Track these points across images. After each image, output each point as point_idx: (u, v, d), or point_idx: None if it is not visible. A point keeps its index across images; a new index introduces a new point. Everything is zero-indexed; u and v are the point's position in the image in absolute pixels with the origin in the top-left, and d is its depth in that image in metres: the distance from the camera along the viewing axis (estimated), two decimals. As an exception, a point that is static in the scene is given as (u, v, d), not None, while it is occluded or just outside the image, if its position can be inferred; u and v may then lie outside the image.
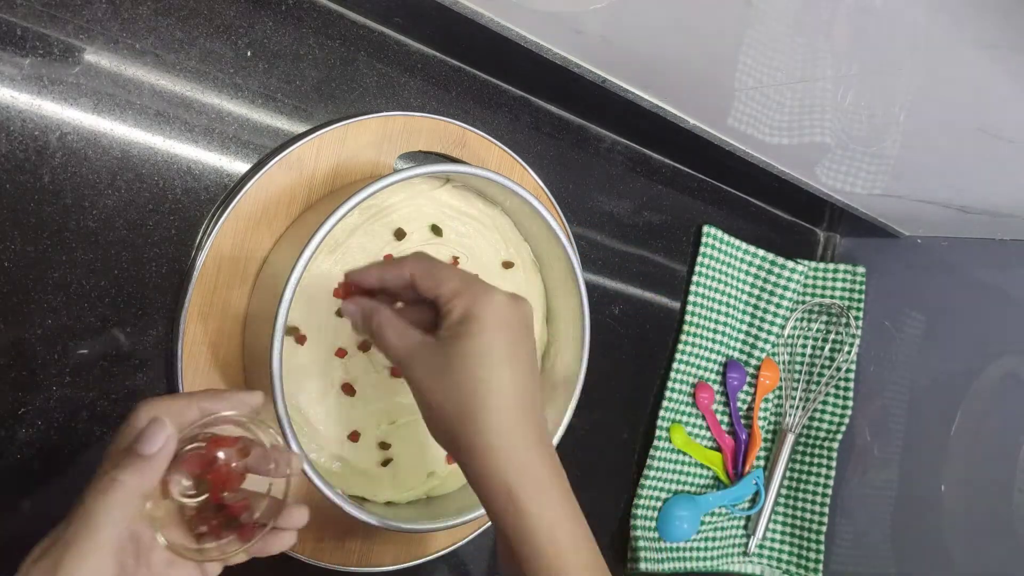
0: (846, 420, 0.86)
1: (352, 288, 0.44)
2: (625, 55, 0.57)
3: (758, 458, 0.87)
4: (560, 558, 0.38)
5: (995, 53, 0.44)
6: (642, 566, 0.77)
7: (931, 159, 0.64)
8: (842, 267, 0.89)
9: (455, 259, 0.59)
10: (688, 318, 0.80)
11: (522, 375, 0.39)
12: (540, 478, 0.39)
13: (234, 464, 0.38)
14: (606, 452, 0.77)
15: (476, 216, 0.60)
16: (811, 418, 0.88)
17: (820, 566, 0.85)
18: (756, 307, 0.86)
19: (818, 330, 0.89)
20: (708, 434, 0.83)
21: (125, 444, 0.35)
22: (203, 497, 0.38)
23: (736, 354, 0.86)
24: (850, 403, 0.87)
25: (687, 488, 0.82)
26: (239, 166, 0.52)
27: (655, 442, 0.79)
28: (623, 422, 0.78)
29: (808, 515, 0.86)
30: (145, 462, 0.34)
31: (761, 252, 0.85)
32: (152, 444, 0.35)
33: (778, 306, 0.84)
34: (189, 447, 0.37)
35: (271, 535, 0.39)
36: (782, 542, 0.88)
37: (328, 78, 0.55)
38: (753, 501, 0.86)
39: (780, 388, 0.88)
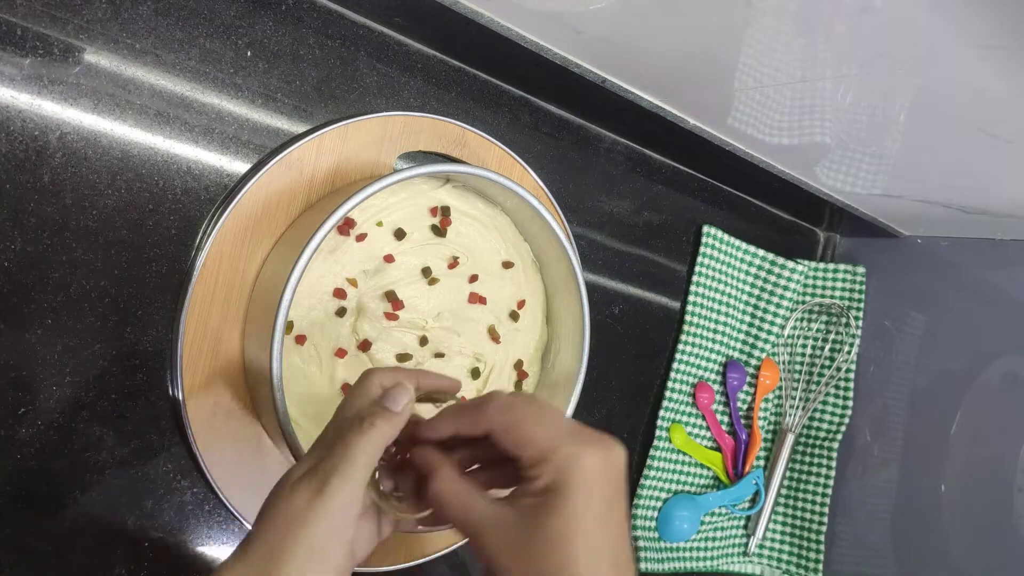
0: (846, 420, 0.86)
1: (416, 438, 0.41)
2: (625, 55, 0.57)
3: (758, 458, 0.87)
4: None
5: (995, 53, 0.44)
6: (642, 566, 0.77)
7: (931, 159, 0.64)
8: (842, 267, 0.89)
9: (455, 259, 0.59)
10: (688, 318, 0.80)
11: (615, 549, 0.35)
12: None
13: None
14: (606, 452, 0.76)
15: (476, 216, 0.60)
16: (811, 418, 0.88)
17: (820, 566, 0.85)
18: (756, 307, 0.86)
19: (818, 330, 0.89)
20: (708, 434, 0.83)
21: (361, 402, 0.40)
22: (397, 461, 0.42)
23: (736, 354, 0.86)
24: (850, 403, 0.87)
25: (687, 488, 0.82)
26: (239, 166, 0.52)
27: (655, 442, 0.79)
28: (623, 422, 0.78)
29: (808, 515, 0.86)
30: (394, 415, 0.39)
31: (761, 252, 0.85)
32: (399, 403, 0.39)
33: (778, 306, 0.84)
34: None
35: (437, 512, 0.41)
36: (782, 542, 0.88)
37: (328, 78, 0.55)
38: (753, 501, 0.86)
39: (780, 388, 0.88)
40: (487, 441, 0.38)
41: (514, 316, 0.62)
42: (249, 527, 0.53)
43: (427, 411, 0.43)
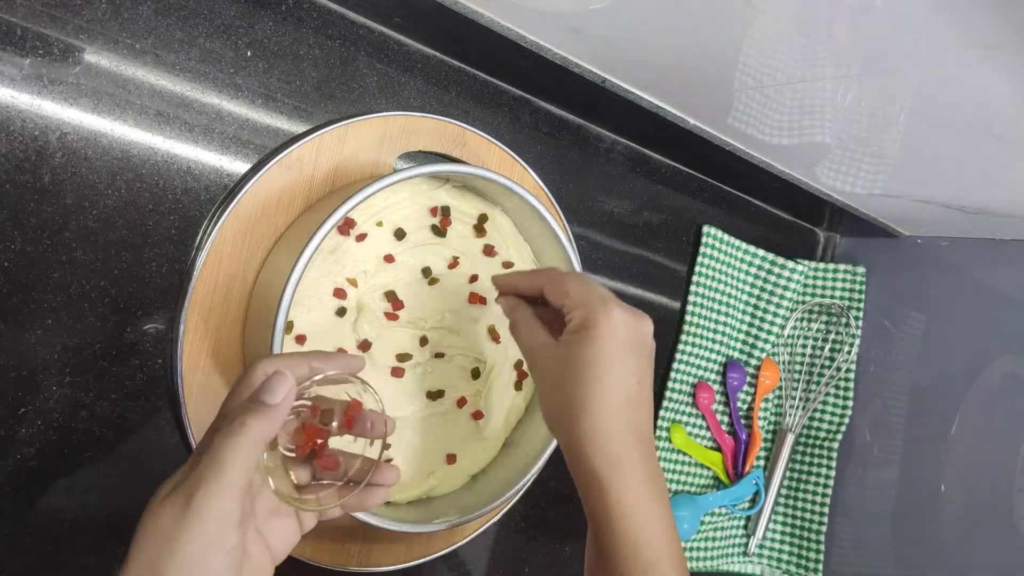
0: (846, 420, 0.86)
1: (504, 288, 0.51)
2: (625, 55, 0.57)
3: (758, 458, 0.87)
4: (636, 538, 0.41)
5: (995, 53, 0.44)
6: (642, 566, 0.77)
7: (931, 159, 0.64)
8: (842, 267, 0.89)
9: (455, 259, 0.59)
10: (688, 318, 0.80)
11: (627, 385, 0.43)
12: (626, 466, 0.41)
13: (335, 423, 0.41)
14: (606, 452, 0.77)
15: (476, 216, 0.60)
16: (811, 418, 0.88)
17: (820, 566, 0.85)
18: (756, 307, 0.86)
19: (818, 330, 0.89)
20: (708, 434, 0.83)
21: (243, 396, 0.38)
22: (308, 452, 0.40)
23: (736, 354, 0.86)
24: (850, 403, 0.87)
25: (687, 488, 0.82)
26: (239, 166, 0.52)
27: (655, 442, 0.79)
28: (623, 422, 0.78)
29: (808, 515, 0.86)
30: (270, 409, 0.36)
31: (761, 252, 0.85)
32: (276, 394, 0.37)
33: (778, 306, 0.84)
34: (297, 403, 0.40)
35: (365, 491, 0.42)
36: (782, 542, 0.88)
37: (328, 78, 0.55)
38: (753, 501, 0.86)
39: (780, 388, 0.88)
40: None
41: (514, 316, 0.62)
42: (249, 527, 0.53)
43: (332, 393, 0.42)
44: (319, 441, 0.40)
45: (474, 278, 0.60)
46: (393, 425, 0.44)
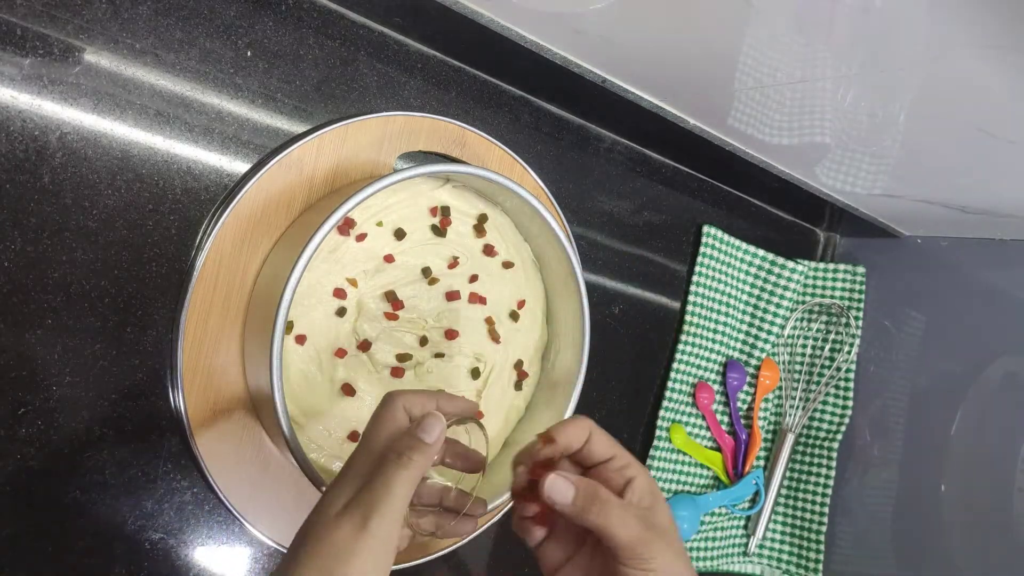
0: (846, 420, 0.86)
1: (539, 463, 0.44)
2: (625, 55, 0.57)
3: (758, 458, 0.87)
4: None
5: (995, 53, 0.44)
6: (642, 566, 0.77)
7: (931, 159, 0.64)
8: (842, 267, 0.89)
9: (455, 259, 0.59)
10: (688, 318, 0.80)
11: None
12: None
13: (447, 460, 0.46)
14: (606, 452, 0.77)
15: (476, 216, 0.60)
16: (811, 418, 0.88)
17: (820, 566, 0.85)
18: (756, 307, 0.86)
19: (818, 330, 0.89)
20: (708, 434, 0.83)
21: (388, 429, 0.41)
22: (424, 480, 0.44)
23: (736, 354, 0.86)
24: (850, 403, 0.87)
25: (687, 488, 0.82)
26: (239, 166, 0.52)
27: (655, 442, 0.79)
28: (623, 422, 0.78)
29: (808, 515, 0.86)
30: (428, 447, 0.40)
31: (761, 252, 0.85)
32: (433, 434, 0.40)
33: (778, 306, 0.84)
34: None
35: (460, 521, 0.46)
36: (782, 542, 0.88)
37: (328, 78, 0.55)
38: (753, 501, 0.86)
39: (780, 388, 0.88)
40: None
41: (514, 316, 0.62)
42: (249, 526, 0.53)
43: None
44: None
45: (474, 278, 0.60)
46: (485, 464, 0.47)
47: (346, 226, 0.54)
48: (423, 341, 0.58)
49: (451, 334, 0.59)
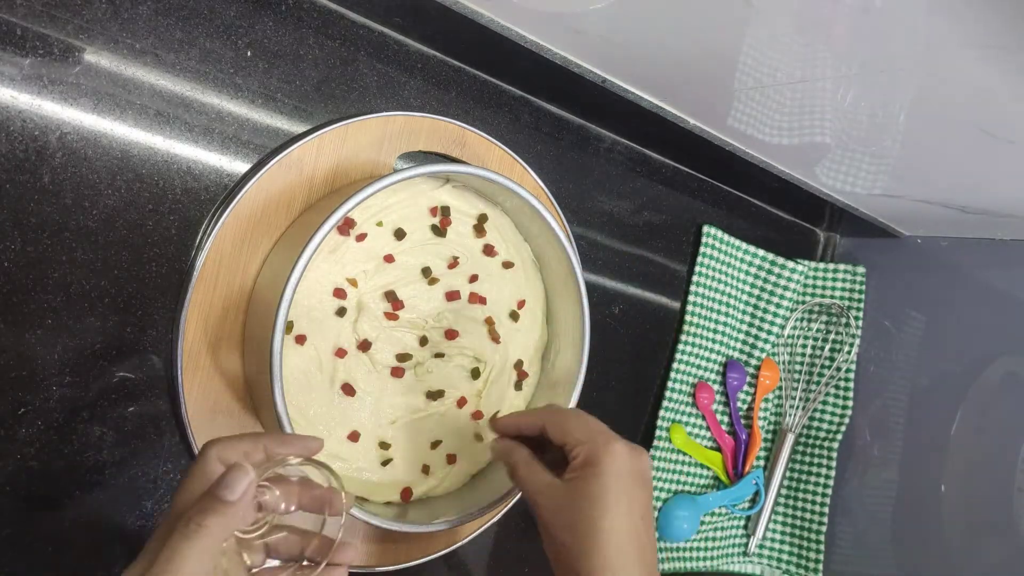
0: (846, 420, 0.86)
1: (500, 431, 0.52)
2: (625, 55, 0.57)
3: (758, 458, 0.87)
4: None
5: (995, 53, 0.44)
6: (642, 566, 0.77)
7: (931, 159, 0.64)
8: (842, 267, 0.89)
9: (455, 259, 0.59)
10: (688, 318, 0.80)
11: (633, 519, 0.43)
12: None
13: (292, 506, 0.40)
14: (606, 452, 0.77)
15: (476, 216, 0.60)
16: (811, 418, 0.88)
17: (820, 566, 0.85)
18: (756, 307, 0.86)
19: (818, 330, 0.89)
20: (708, 434, 0.83)
21: (199, 487, 0.36)
22: (261, 532, 0.39)
23: (736, 354, 0.86)
24: (850, 403, 0.87)
25: (687, 488, 0.82)
26: (239, 166, 0.52)
27: (655, 442, 0.79)
28: (623, 422, 0.78)
29: (808, 515, 0.86)
30: (229, 507, 0.35)
31: (761, 252, 0.85)
32: (236, 490, 0.35)
33: (778, 306, 0.84)
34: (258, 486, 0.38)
35: (323, 572, 0.41)
36: (782, 542, 0.88)
37: (328, 78, 0.55)
38: (753, 501, 0.86)
39: (780, 388, 0.88)
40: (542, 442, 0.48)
41: (514, 316, 0.62)
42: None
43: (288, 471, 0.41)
44: (274, 522, 0.39)
45: (474, 278, 0.60)
46: (352, 502, 0.43)
47: (346, 226, 0.54)
48: (423, 341, 0.58)
49: (451, 334, 0.59)
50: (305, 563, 0.41)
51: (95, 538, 0.48)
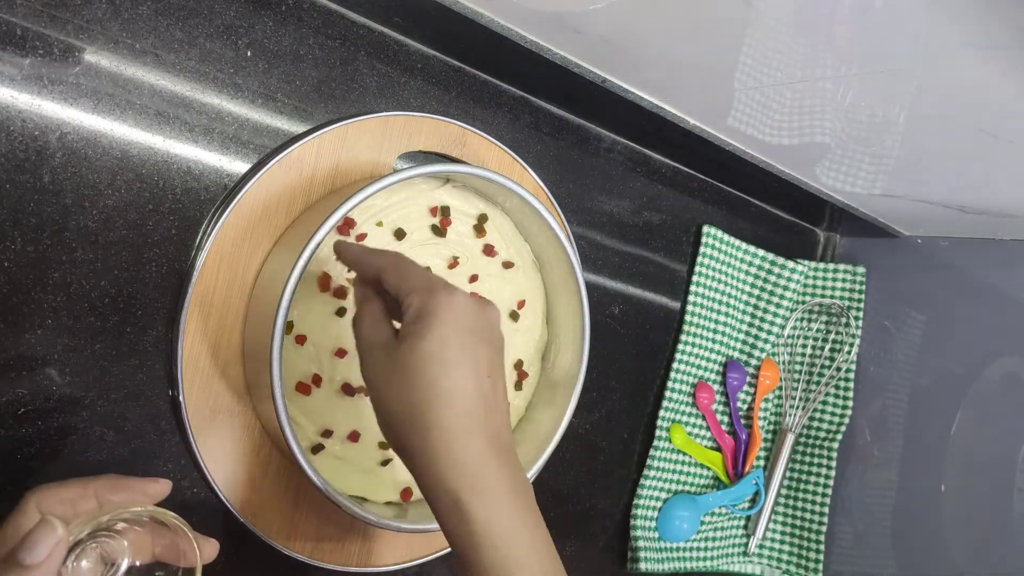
0: (846, 420, 0.86)
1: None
2: (625, 55, 0.57)
3: (758, 458, 0.87)
4: (511, 570, 0.36)
5: (995, 53, 0.44)
6: (642, 566, 0.77)
7: (931, 159, 0.64)
8: (842, 267, 0.89)
9: (455, 259, 0.59)
10: (688, 318, 0.80)
11: (476, 379, 0.37)
12: (490, 486, 0.36)
13: (143, 558, 0.37)
14: (606, 452, 0.77)
15: (476, 216, 0.60)
16: (811, 418, 0.88)
17: (820, 566, 0.85)
18: (756, 307, 0.86)
19: (818, 330, 0.89)
20: (708, 434, 0.83)
21: (11, 541, 0.32)
22: None
23: (736, 354, 0.86)
24: (850, 403, 0.87)
25: (687, 488, 0.82)
26: (239, 166, 0.52)
27: (655, 442, 0.79)
28: (623, 422, 0.78)
29: (808, 515, 0.86)
30: (29, 573, 0.30)
31: (761, 252, 0.85)
32: (38, 553, 0.31)
33: (778, 306, 0.84)
34: (91, 538, 0.35)
35: None
36: (782, 542, 0.88)
37: (328, 78, 0.55)
38: (753, 501, 0.86)
39: (780, 388, 0.88)
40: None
41: (514, 316, 0.62)
42: (249, 526, 0.53)
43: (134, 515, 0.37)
44: (123, 572, 0.36)
45: (474, 278, 0.60)
46: (213, 551, 0.39)
47: (346, 226, 0.54)
48: (423, 341, 0.58)
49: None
50: None
51: (95, 538, 0.48)
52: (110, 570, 0.35)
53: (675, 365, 0.80)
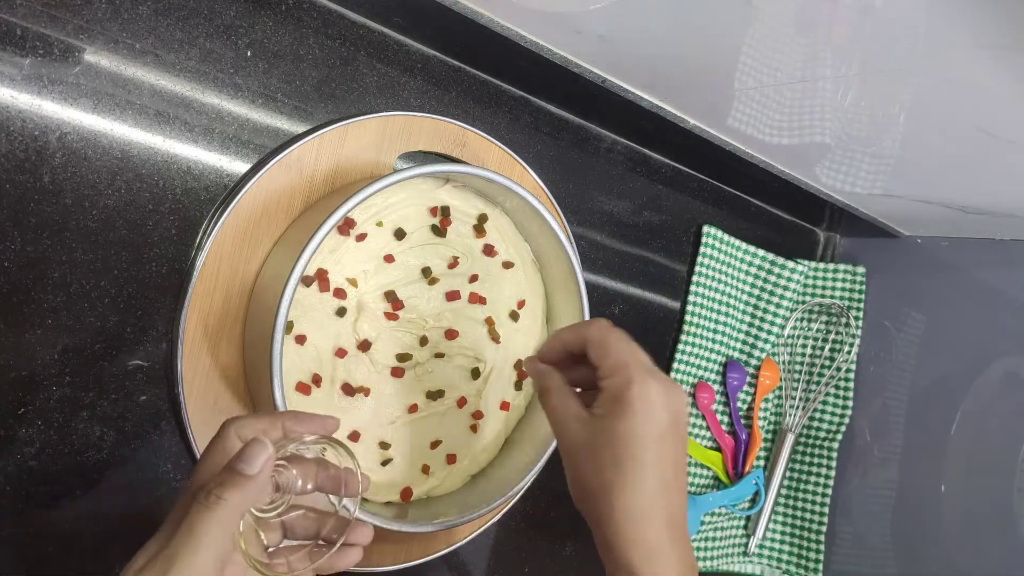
0: (846, 420, 0.86)
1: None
2: (625, 55, 0.57)
3: (758, 458, 0.87)
4: None
5: (995, 53, 0.44)
6: (642, 566, 0.77)
7: (931, 159, 0.64)
8: (842, 267, 0.89)
9: (455, 259, 0.59)
10: (688, 318, 0.80)
11: (660, 468, 0.40)
12: (664, 561, 0.39)
13: (309, 486, 0.40)
14: (606, 452, 0.77)
15: (476, 216, 0.60)
16: (811, 418, 0.88)
17: (820, 566, 0.85)
18: (756, 307, 0.86)
19: (818, 330, 0.89)
20: (708, 434, 0.83)
21: (218, 463, 0.36)
22: (278, 511, 0.39)
23: (736, 354, 0.86)
24: (850, 403, 0.87)
25: (687, 488, 0.82)
26: (239, 166, 0.52)
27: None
28: (623, 422, 0.78)
29: (808, 515, 0.86)
30: (248, 481, 0.35)
31: (761, 252, 0.85)
32: (255, 464, 0.35)
33: (778, 306, 0.84)
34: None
35: (338, 552, 0.40)
36: (782, 542, 0.88)
37: (328, 78, 0.55)
38: (753, 501, 0.86)
39: (780, 388, 0.88)
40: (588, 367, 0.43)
41: (514, 316, 0.62)
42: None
43: (305, 451, 0.40)
44: (291, 501, 0.39)
45: (474, 278, 0.60)
46: (368, 483, 0.42)
47: (346, 226, 0.54)
48: (423, 341, 0.58)
49: (451, 334, 0.59)
50: (321, 543, 0.41)
51: (95, 538, 0.48)
52: (285, 497, 0.39)
53: (675, 365, 0.80)
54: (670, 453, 0.41)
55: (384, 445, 0.57)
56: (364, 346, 0.55)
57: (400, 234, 0.56)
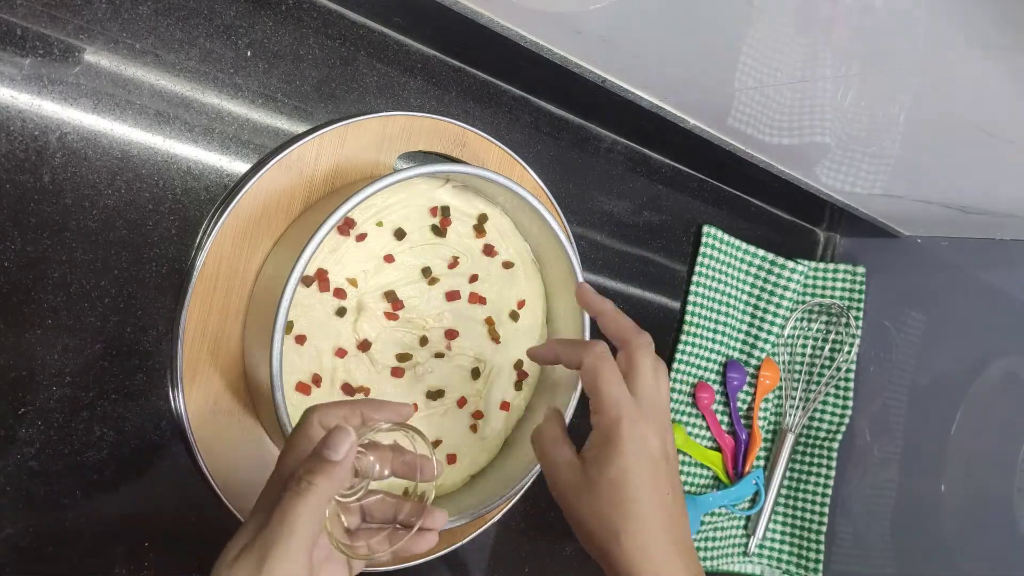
0: (846, 420, 0.86)
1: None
2: (625, 55, 0.57)
3: (758, 458, 0.87)
4: None
5: (995, 53, 0.44)
6: (642, 566, 0.77)
7: (931, 159, 0.64)
8: (842, 267, 0.89)
9: (455, 259, 0.59)
10: (688, 318, 0.80)
11: (659, 496, 0.41)
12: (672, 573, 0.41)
13: (386, 471, 0.42)
14: (606, 452, 0.77)
15: (476, 216, 0.60)
16: (811, 418, 0.88)
17: (820, 566, 0.85)
18: (756, 307, 0.86)
19: (818, 330, 0.89)
20: (708, 434, 0.83)
21: (303, 450, 0.38)
22: (358, 495, 0.40)
23: (736, 354, 0.86)
24: (850, 403, 0.87)
25: (687, 488, 0.82)
26: (239, 166, 0.52)
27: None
28: (623, 422, 0.78)
29: (808, 515, 0.86)
30: (335, 467, 0.36)
31: (761, 252, 0.85)
32: (340, 450, 0.37)
33: (778, 306, 0.84)
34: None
35: (415, 536, 0.42)
36: (782, 542, 0.88)
37: (328, 78, 0.55)
38: (753, 501, 0.86)
39: (780, 388, 0.88)
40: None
41: (514, 316, 0.62)
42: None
43: (382, 438, 0.42)
44: (369, 487, 0.41)
45: (474, 278, 0.60)
46: (442, 469, 0.44)
47: (346, 226, 0.54)
48: (423, 341, 0.58)
49: (451, 334, 0.59)
50: (398, 527, 0.42)
51: (95, 538, 0.48)
52: (364, 482, 0.40)
53: (675, 365, 0.80)
54: (664, 482, 0.42)
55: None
56: (364, 346, 0.55)
57: (400, 234, 0.56)
